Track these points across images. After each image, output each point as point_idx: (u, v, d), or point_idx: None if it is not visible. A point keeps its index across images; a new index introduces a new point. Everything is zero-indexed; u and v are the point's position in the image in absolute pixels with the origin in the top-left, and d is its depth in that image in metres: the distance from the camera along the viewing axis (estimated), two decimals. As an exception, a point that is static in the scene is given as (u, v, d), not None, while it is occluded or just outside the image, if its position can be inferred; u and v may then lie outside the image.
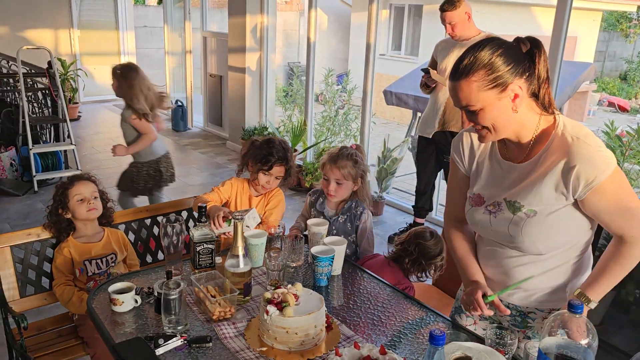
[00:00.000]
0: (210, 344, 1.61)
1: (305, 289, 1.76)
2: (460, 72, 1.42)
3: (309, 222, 2.25)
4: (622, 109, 13.07)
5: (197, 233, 2.02)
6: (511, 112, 1.44)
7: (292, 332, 1.59)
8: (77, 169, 5.50)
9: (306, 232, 2.34)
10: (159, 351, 1.55)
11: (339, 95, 7.06)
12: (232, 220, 2.20)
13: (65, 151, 5.68)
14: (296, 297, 1.68)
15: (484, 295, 1.58)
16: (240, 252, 1.82)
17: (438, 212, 4.71)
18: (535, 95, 1.46)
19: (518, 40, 1.44)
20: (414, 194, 4.30)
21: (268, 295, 1.66)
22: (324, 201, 2.57)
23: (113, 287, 1.81)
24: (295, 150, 5.74)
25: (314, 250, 2.02)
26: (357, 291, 1.99)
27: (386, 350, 1.50)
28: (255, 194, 2.56)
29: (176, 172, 3.87)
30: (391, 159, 4.80)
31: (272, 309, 1.59)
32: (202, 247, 2.01)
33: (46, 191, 5.34)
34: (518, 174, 1.54)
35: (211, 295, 1.80)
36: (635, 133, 3.77)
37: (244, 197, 2.54)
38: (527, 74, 1.42)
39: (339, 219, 2.53)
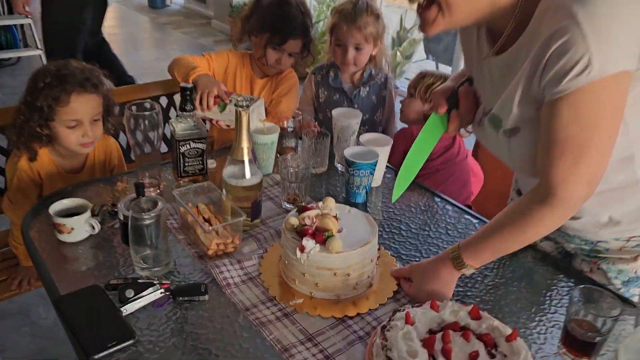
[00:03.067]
0: (206, 297, 1.06)
1: (339, 206, 1.19)
2: None
3: (335, 112, 1.63)
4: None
5: (180, 127, 1.41)
6: None
7: (343, 274, 1.06)
8: (37, 47, 4.70)
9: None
10: (127, 309, 1.01)
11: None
12: (228, 107, 1.58)
13: (21, 26, 4.82)
14: (335, 218, 1.12)
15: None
16: (246, 156, 1.22)
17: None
18: None
19: None
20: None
21: (294, 221, 1.10)
22: (338, 74, 1.96)
23: (56, 207, 1.23)
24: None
25: (350, 153, 1.42)
26: (408, 210, 1.43)
27: (480, 311, 0.97)
28: (260, 74, 1.90)
29: (153, 54, 3.17)
30: (408, 40, 4.08)
31: (309, 243, 1.04)
32: (188, 146, 1.41)
33: (3, 73, 4.60)
34: (497, 71, 1.04)
35: (204, 218, 1.23)
36: None
37: (243, 78, 1.88)
38: None
39: (361, 92, 1.95)
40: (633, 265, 1.12)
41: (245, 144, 1.21)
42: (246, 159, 1.22)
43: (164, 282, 1.07)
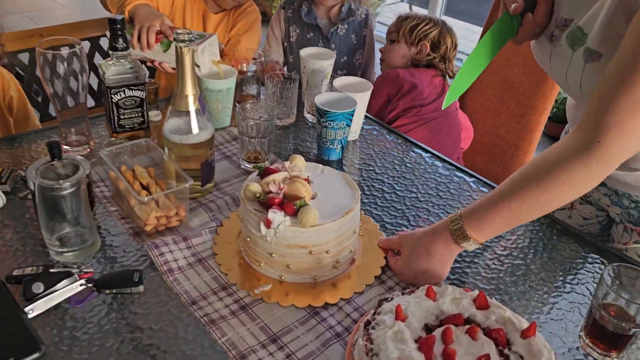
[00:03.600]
0: (141, 288, 0.83)
1: (310, 166, 0.97)
2: None
3: (303, 52, 1.38)
4: None
5: (111, 70, 1.14)
6: None
7: (320, 251, 0.85)
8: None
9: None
10: (34, 309, 0.77)
11: None
12: (174, 45, 1.30)
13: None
14: (307, 181, 0.90)
15: None
16: (192, 106, 0.97)
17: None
18: None
19: None
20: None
21: (256, 187, 0.87)
22: (312, 8, 1.70)
23: (-55, 175, 0.96)
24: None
25: (322, 100, 1.18)
26: (392, 168, 1.21)
27: (488, 299, 0.77)
28: (215, 9, 1.60)
29: None
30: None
31: (277, 216, 0.82)
32: (123, 95, 1.14)
33: None
34: None
35: (142, 185, 0.99)
36: None
37: (194, 13, 1.59)
38: None
39: (338, 30, 1.70)
40: None
41: (190, 91, 0.96)
42: (192, 109, 0.97)
43: (85, 270, 0.84)
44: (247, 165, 1.15)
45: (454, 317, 0.76)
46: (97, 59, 1.79)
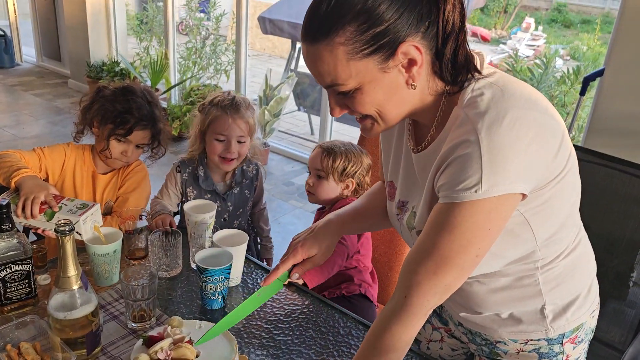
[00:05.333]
0: None
1: (188, 323, 1.10)
2: (316, 28, 0.86)
3: (187, 206, 1.53)
4: (484, 39, 13.47)
5: (-3, 247, 1.21)
6: (405, 88, 0.91)
7: None
8: None
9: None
10: None
11: (202, 24, 6.09)
12: (58, 215, 1.40)
13: None
14: (190, 342, 1.03)
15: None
16: (75, 285, 1.07)
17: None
18: (437, 57, 0.90)
19: None
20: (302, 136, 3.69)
21: (145, 357, 0.99)
22: (208, 175, 1.86)
23: None
24: (157, 90, 4.78)
25: (200, 258, 1.32)
26: (271, 313, 1.34)
27: None
28: (104, 169, 1.73)
29: (3, 121, 2.82)
30: (275, 99, 4.09)
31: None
32: (9, 270, 1.22)
33: None
34: (416, 167, 1.04)
35: (26, 362, 1.05)
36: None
37: (84, 175, 1.70)
38: (427, 23, 0.86)
39: (233, 190, 1.86)
40: None
41: (72, 272, 1.06)
42: (75, 287, 1.07)
43: None
44: (133, 325, 1.24)
45: None
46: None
